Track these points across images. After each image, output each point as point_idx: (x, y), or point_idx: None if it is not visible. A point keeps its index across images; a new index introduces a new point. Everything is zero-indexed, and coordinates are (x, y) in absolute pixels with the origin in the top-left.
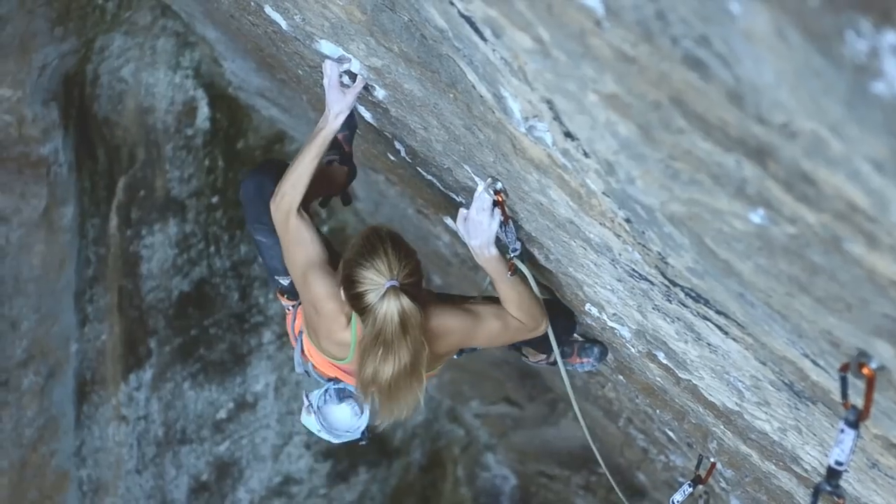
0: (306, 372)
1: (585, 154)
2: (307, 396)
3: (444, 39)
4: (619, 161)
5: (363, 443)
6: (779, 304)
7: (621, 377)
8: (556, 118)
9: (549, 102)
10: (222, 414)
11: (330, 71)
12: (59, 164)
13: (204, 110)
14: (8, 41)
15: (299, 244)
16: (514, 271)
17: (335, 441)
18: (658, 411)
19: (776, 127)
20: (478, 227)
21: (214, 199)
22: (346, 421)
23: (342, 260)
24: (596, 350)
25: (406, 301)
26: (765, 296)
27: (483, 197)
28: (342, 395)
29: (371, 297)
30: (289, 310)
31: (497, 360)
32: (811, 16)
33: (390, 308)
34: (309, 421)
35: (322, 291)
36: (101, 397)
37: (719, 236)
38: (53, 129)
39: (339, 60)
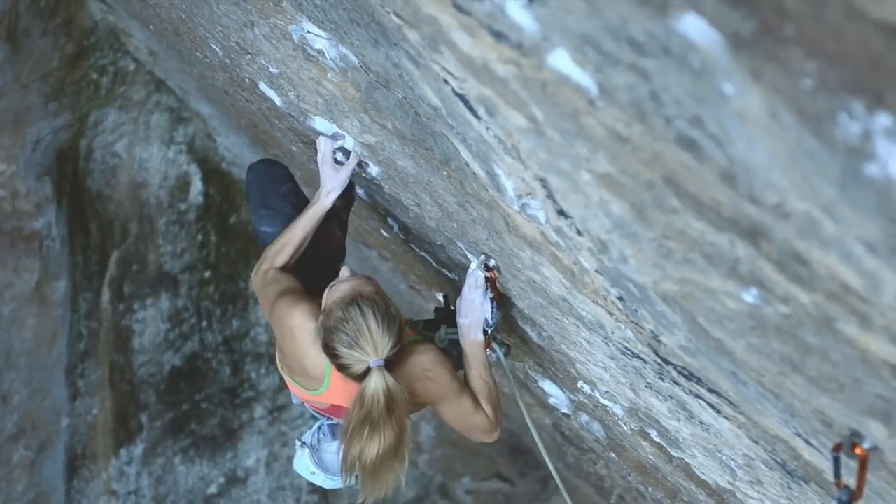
0: (302, 404)
1: (579, 232)
2: (300, 438)
3: (438, 117)
4: (613, 240)
5: (357, 486)
6: (771, 384)
7: (613, 454)
8: (550, 196)
9: (543, 181)
10: (213, 489)
11: (324, 147)
12: (52, 239)
13: (197, 185)
14: (2, 115)
15: (274, 283)
16: (491, 347)
17: (328, 485)
18: (650, 489)
19: (769, 207)
20: (469, 305)
21: (207, 274)
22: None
23: (323, 316)
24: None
25: (391, 380)
26: (757, 375)
27: (476, 274)
28: (336, 433)
29: (355, 369)
30: None
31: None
32: (804, 97)
33: (377, 388)
34: (302, 462)
35: (293, 320)
36: (92, 472)
37: (712, 315)
38: (46, 204)
39: (334, 137)
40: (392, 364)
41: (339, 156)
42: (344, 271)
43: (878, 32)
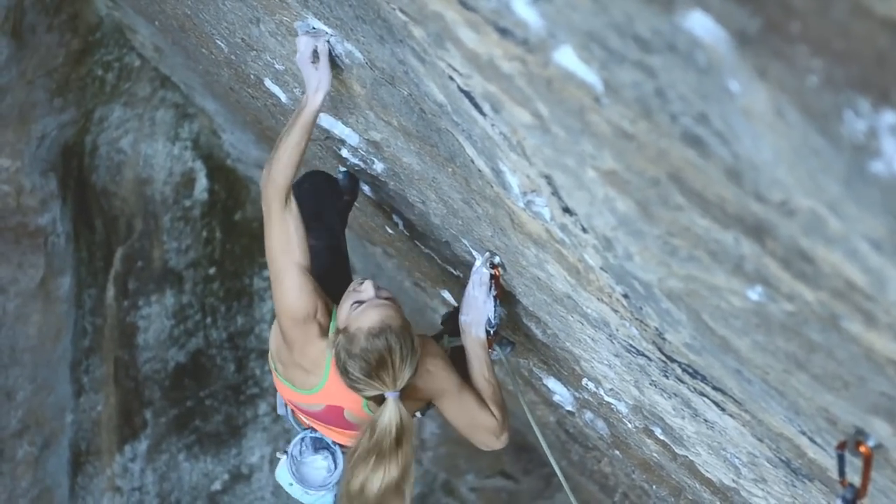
0: (287, 414)
1: (584, 229)
2: (284, 448)
3: (443, 114)
4: (618, 237)
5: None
6: (776, 381)
7: (617, 452)
8: (555, 193)
9: (548, 177)
10: (217, 486)
11: (303, 46)
12: (57, 235)
13: (202, 181)
14: (7, 111)
15: (282, 236)
16: (493, 347)
17: (305, 500)
18: (654, 487)
19: (774, 204)
20: (472, 302)
21: (212, 271)
22: (319, 475)
23: (344, 337)
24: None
25: (404, 413)
26: (762, 372)
27: (481, 271)
28: (318, 446)
29: (366, 393)
30: None
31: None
32: (810, 95)
33: (391, 420)
34: (282, 472)
35: (295, 302)
36: (96, 468)
37: (717, 313)
38: (51, 200)
39: (314, 35)
40: None
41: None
42: (367, 288)
43: (884, 30)
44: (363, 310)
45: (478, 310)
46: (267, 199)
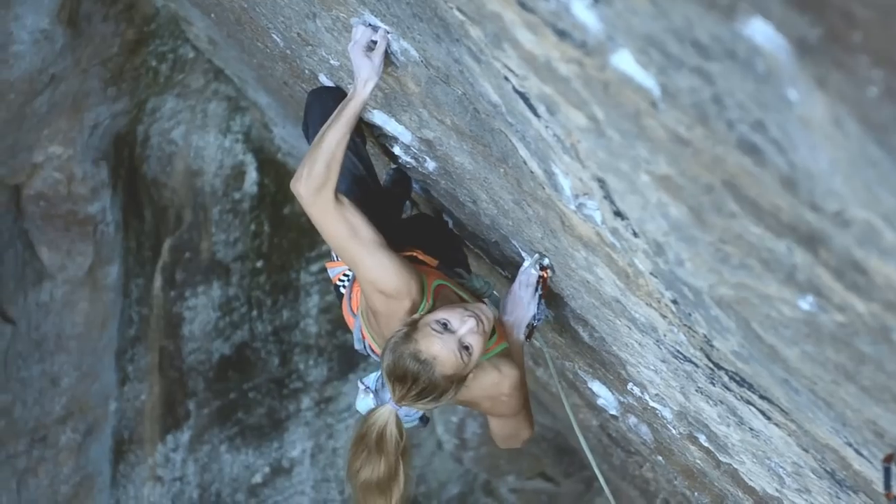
0: (364, 350)
1: (635, 234)
2: (362, 381)
3: (497, 114)
4: (669, 242)
5: (423, 426)
6: (824, 392)
7: (660, 458)
8: (607, 197)
9: (601, 181)
10: (258, 478)
11: (359, 35)
12: (106, 223)
13: (252, 175)
14: (61, 100)
15: (342, 227)
16: (530, 338)
17: None
18: (696, 494)
19: (829, 215)
20: (517, 303)
21: (259, 264)
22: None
23: (406, 330)
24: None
25: (392, 427)
26: (810, 383)
27: (529, 272)
28: None
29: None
30: (343, 288)
31: (535, 436)
32: (869, 105)
33: (376, 423)
34: (365, 405)
35: (381, 276)
36: (138, 457)
37: (767, 321)
38: (102, 189)
39: (372, 26)
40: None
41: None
42: (461, 326)
43: None
44: (436, 336)
45: (521, 310)
46: (314, 199)
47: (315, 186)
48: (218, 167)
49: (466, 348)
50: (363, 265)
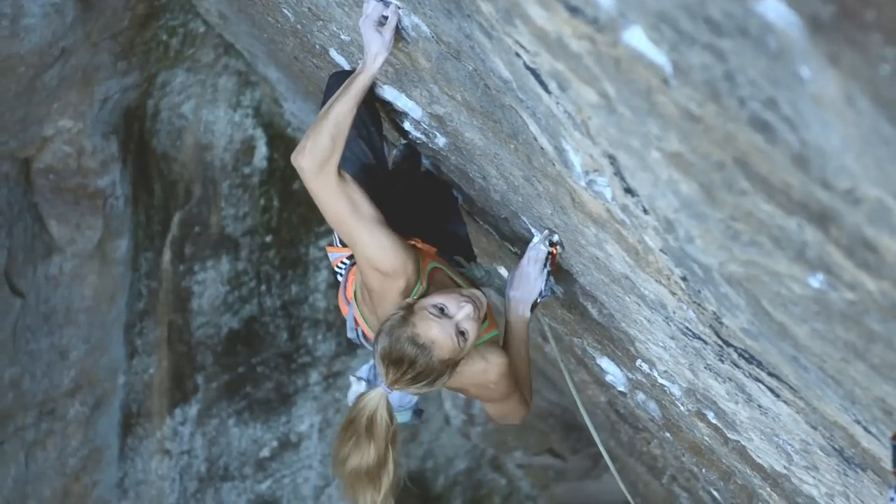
0: (357, 339)
1: (645, 211)
2: (354, 374)
3: (508, 90)
4: (679, 219)
5: (418, 423)
6: (833, 370)
7: (668, 434)
8: (618, 173)
9: (612, 158)
10: (265, 452)
11: (371, 10)
12: (116, 197)
13: (262, 150)
14: (71, 73)
15: (343, 204)
16: (532, 312)
17: None
18: (704, 470)
19: (840, 192)
20: (524, 279)
21: (268, 238)
22: (396, 395)
23: (402, 313)
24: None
25: (382, 411)
26: (819, 360)
27: (538, 248)
28: None
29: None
30: (340, 276)
31: (543, 413)
32: (882, 83)
33: (366, 406)
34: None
35: (377, 254)
36: (146, 430)
37: (776, 299)
38: (112, 162)
39: (383, 1)
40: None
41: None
42: (458, 311)
43: None
44: (434, 320)
45: (528, 286)
46: (315, 172)
47: (318, 160)
48: (228, 142)
49: (462, 334)
50: (361, 241)
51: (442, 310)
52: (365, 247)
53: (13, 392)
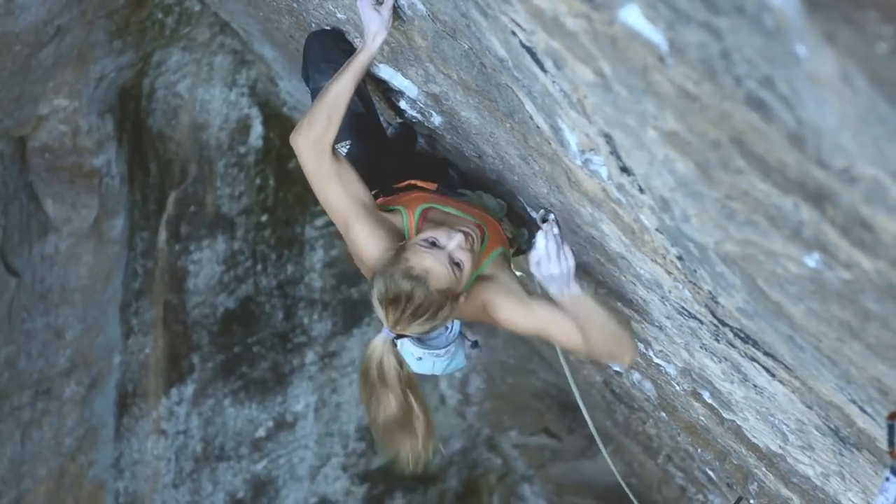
0: None
1: (641, 190)
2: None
3: (504, 69)
4: (675, 198)
5: (478, 355)
6: (828, 349)
7: (664, 414)
8: (614, 152)
9: (607, 136)
10: (261, 432)
11: None
12: (112, 176)
13: (257, 129)
14: (67, 52)
15: (342, 185)
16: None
17: (435, 370)
18: (699, 450)
19: (836, 171)
20: (545, 260)
21: (264, 218)
22: (441, 337)
23: (391, 256)
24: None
25: (389, 357)
26: (815, 340)
27: (544, 228)
28: None
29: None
30: None
31: (539, 392)
32: (878, 62)
33: (371, 354)
34: (406, 350)
35: (366, 248)
36: (142, 410)
37: (772, 278)
38: (107, 141)
39: None
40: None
41: None
42: (449, 242)
43: None
44: (425, 251)
45: (556, 263)
46: (310, 149)
47: (314, 137)
48: (223, 121)
49: (457, 264)
50: (348, 228)
51: (433, 242)
52: (351, 232)
53: (9, 371)
